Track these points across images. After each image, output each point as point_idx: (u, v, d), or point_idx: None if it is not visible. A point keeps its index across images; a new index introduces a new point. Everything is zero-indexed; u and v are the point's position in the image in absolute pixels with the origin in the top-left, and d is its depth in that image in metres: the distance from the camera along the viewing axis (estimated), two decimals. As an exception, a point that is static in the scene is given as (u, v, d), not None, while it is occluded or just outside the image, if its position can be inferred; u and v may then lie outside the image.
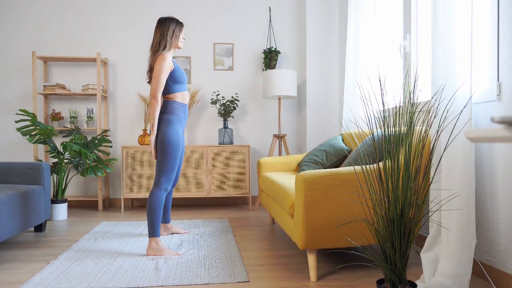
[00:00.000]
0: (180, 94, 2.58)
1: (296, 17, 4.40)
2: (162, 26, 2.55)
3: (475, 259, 1.99)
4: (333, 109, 4.13)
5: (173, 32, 2.56)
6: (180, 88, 2.58)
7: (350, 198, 1.94)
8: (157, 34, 2.56)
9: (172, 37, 2.56)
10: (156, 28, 2.57)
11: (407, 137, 1.53)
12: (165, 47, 2.54)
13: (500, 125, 1.58)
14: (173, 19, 2.59)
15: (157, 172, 2.46)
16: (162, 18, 2.58)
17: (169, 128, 2.46)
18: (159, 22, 2.58)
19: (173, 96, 2.56)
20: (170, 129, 2.46)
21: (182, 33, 2.63)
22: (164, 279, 1.97)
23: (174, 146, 2.46)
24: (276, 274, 2.07)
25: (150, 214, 2.42)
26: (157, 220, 2.43)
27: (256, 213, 3.78)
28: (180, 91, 2.58)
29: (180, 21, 2.64)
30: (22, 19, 4.05)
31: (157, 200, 2.43)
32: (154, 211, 2.42)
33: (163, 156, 2.44)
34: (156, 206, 2.42)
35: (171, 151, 2.45)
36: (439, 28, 1.93)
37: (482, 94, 1.94)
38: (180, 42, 2.62)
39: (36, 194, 2.78)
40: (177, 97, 2.57)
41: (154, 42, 2.56)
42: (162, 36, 2.54)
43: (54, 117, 3.95)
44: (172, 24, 2.57)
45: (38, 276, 2.01)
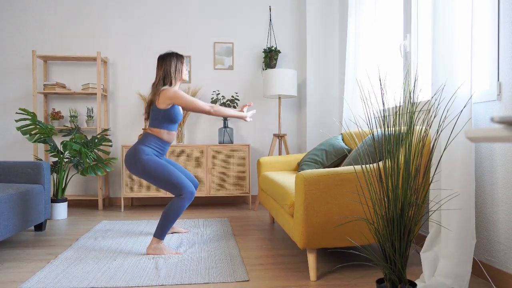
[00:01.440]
0: (166, 132, 2.52)
1: (296, 16, 4.40)
2: (164, 63, 2.53)
3: (474, 259, 2.00)
4: (333, 108, 4.13)
5: (176, 67, 2.54)
6: (170, 127, 2.54)
7: (350, 198, 1.95)
8: (159, 71, 2.53)
9: (175, 72, 2.54)
10: (158, 65, 2.55)
11: (407, 137, 1.53)
12: (170, 84, 2.52)
13: (500, 125, 1.58)
14: (173, 53, 2.56)
15: (171, 191, 2.41)
16: (162, 54, 2.56)
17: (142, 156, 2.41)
18: (159, 59, 2.55)
19: (158, 132, 2.50)
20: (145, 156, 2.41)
21: (185, 65, 2.60)
22: (164, 278, 1.97)
23: (159, 164, 2.40)
24: (276, 273, 2.07)
25: (166, 218, 2.37)
26: (170, 225, 2.39)
27: (256, 212, 3.78)
28: (168, 129, 2.53)
29: (180, 54, 2.61)
30: (22, 18, 4.05)
31: (178, 207, 2.37)
32: (171, 217, 2.37)
33: (158, 179, 2.39)
34: (175, 214, 2.37)
35: (160, 170, 2.39)
36: (439, 28, 1.93)
37: (482, 94, 1.94)
38: (185, 75, 2.60)
39: (36, 193, 2.78)
40: (162, 134, 2.51)
41: (157, 79, 2.53)
42: (166, 73, 2.52)
43: (54, 116, 3.95)
44: (173, 59, 2.54)
45: (38, 275, 2.01)
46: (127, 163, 2.44)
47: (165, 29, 4.21)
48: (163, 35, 4.21)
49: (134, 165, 2.41)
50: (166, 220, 2.38)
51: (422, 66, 2.64)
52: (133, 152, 2.43)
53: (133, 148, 2.45)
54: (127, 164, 2.45)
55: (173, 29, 4.22)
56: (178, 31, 4.23)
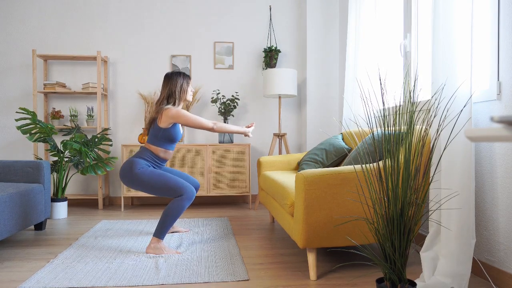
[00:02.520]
0: (163, 151, 2.55)
1: (296, 16, 4.39)
2: (170, 82, 2.54)
3: (474, 258, 2.00)
4: (333, 108, 4.13)
5: (181, 87, 2.55)
6: (167, 146, 2.55)
7: (350, 197, 1.95)
8: (164, 89, 2.54)
9: (180, 92, 2.55)
10: (163, 83, 2.56)
11: (407, 136, 1.53)
12: (174, 103, 2.53)
13: (500, 125, 1.58)
14: (180, 73, 2.58)
15: (171, 195, 2.41)
16: (169, 73, 2.58)
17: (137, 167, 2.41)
18: (166, 78, 2.56)
19: (156, 150, 2.52)
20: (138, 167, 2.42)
21: (190, 86, 2.61)
22: (164, 277, 1.97)
23: (154, 173, 2.41)
24: (276, 272, 2.07)
25: (166, 218, 2.37)
26: (170, 225, 2.39)
27: (256, 212, 3.78)
28: (165, 148, 2.55)
29: (187, 75, 2.62)
30: (23, 18, 4.05)
31: (179, 208, 2.37)
32: (172, 217, 2.37)
33: (155, 188, 2.39)
34: (175, 213, 2.37)
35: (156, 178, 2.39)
36: (439, 27, 1.93)
37: (482, 94, 1.94)
38: (189, 96, 2.61)
39: (36, 192, 2.78)
40: (159, 152, 2.54)
41: (161, 97, 2.54)
42: (170, 92, 2.53)
43: (54, 116, 3.95)
44: (180, 78, 2.55)
45: (38, 275, 2.01)
46: (122, 176, 2.45)
47: (166, 29, 4.21)
48: (164, 35, 4.21)
49: (129, 177, 2.42)
50: (166, 220, 2.38)
51: (422, 65, 2.64)
52: (129, 165, 2.44)
53: (129, 161, 2.47)
54: (122, 177, 2.45)
55: (173, 29, 4.22)
56: (179, 31, 4.23)
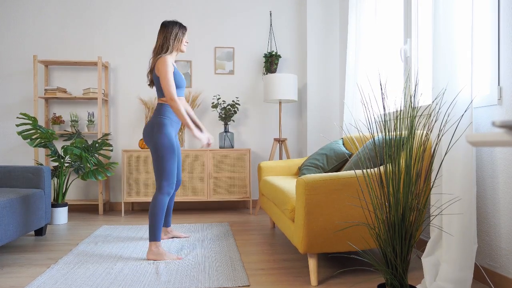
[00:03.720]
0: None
1: (296, 21, 4.41)
2: (165, 30, 2.55)
3: (476, 264, 1.99)
4: (334, 113, 4.14)
5: (176, 35, 2.56)
6: (177, 92, 2.56)
7: (351, 202, 1.94)
8: (160, 37, 2.55)
9: (175, 40, 2.55)
10: (159, 31, 2.57)
11: (408, 141, 1.53)
12: (167, 50, 2.53)
13: (501, 129, 1.58)
14: (177, 22, 2.59)
15: (157, 178, 2.44)
16: (166, 21, 2.58)
17: (161, 132, 2.43)
18: (162, 26, 2.57)
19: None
20: (163, 133, 2.43)
21: (185, 36, 2.62)
22: (165, 283, 1.96)
23: (169, 150, 2.43)
24: (277, 278, 2.06)
25: (152, 218, 2.40)
26: (159, 224, 2.41)
27: (257, 217, 3.77)
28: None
29: (184, 25, 2.63)
30: (24, 23, 4.07)
31: (159, 205, 2.41)
32: (156, 215, 2.40)
33: (159, 160, 2.42)
34: (158, 211, 2.40)
35: (166, 154, 2.42)
36: (439, 32, 1.94)
37: (483, 98, 1.94)
38: (183, 46, 2.62)
39: (36, 197, 2.78)
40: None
41: (157, 45, 2.55)
42: (165, 39, 2.53)
43: (55, 121, 3.95)
44: (175, 27, 2.56)
45: (38, 280, 2.00)
46: (145, 132, 2.48)
47: (166, 34, 4.23)
48: (164, 40, 4.22)
49: (151, 135, 2.44)
50: (153, 220, 2.40)
51: (422, 70, 2.65)
52: (154, 124, 2.45)
53: (153, 120, 2.47)
54: (144, 134, 2.48)
55: (174, 34, 4.23)
56: (179, 36, 4.24)
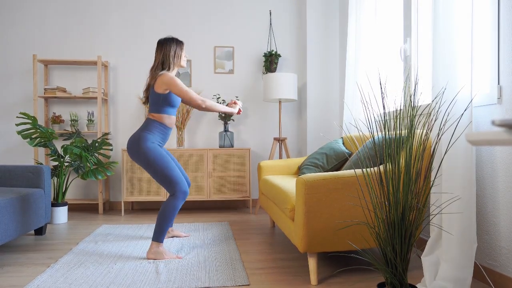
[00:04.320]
0: (167, 117, 2.53)
1: (296, 21, 4.41)
2: (163, 48, 2.53)
3: (476, 263, 1.99)
4: (334, 112, 4.14)
5: (175, 52, 2.54)
6: (170, 111, 2.54)
7: (350, 202, 1.94)
8: (158, 55, 2.53)
9: (174, 57, 2.54)
10: (157, 50, 2.55)
11: (408, 140, 1.53)
12: (168, 68, 2.53)
13: (501, 128, 1.58)
14: (173, 39, 2.57)
15: (167, 187, 2.41)
16: (162, 39, 2.56)
17: (145, 145, 2.40)
18: (159, 44, 2.55)
19: (160, 117, 2.50)
20: (147, 145, 2.40)
21: (184, 51, 2.61)
22: (165, 282, 1.96)
23: (160, 157, 2.40)
24: (277, 277, 2.07)
25: (161, 220, 2.37)
26: (167, 227, 2.39)
27: (257, 216, 3.77)
28: (168, 114, 2.54)
29: (180, 40, 2.61)
30: (23, 23, 4.06)
31: (172, 209, 2.38)
32: (166, 218, 2.37)
33: (158, 172, 2.39)
34: (169, 214, 2.38)
35: (161, 163, 2.39)
36: (439, 31, 1.94)
37: (483, 97, 1.94)
38: (183, 61, 2.61)
39: (36, 197, 2.78)
40: (164, 119, 2.52)
41: (155, 63, 2.53)
42: (165, 57, 2.52)
43: (54, 120, 3.95)
44: (173, 44, 2.55)
45: (38, 280, 2.00)
46: (129, 149, 2.44)
47: (166, 33, 4.23)
48: (164, 39, 4.22)
49: (136, 152, 2.41)
50: (162, 222, 2.38)
51: (422, 69, 2.65)
52: (137, 139, 2.42)
53: (136, 134, 2.45)
54: (129, 150, 2.44)
55: (173, 33, 4.23)
56: (179, 35, 4.24)
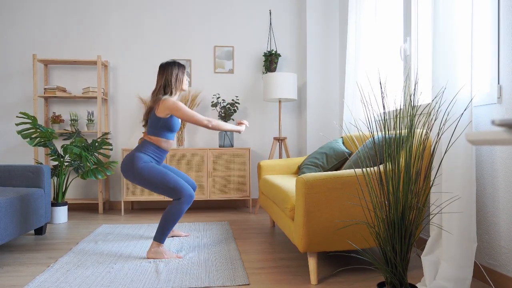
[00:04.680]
0: (164, 140, 2.54)
1: (296, 20, 4.41)
2: (165, 72, 2.54)
3: (476, 262, 1.99)
4: (334, 111, 4.14)
5: (177, 76, 2.55)
6: (167, 135, 2.55)
7: (350, 201, 1.94)
8: (160, 79, 2.54)
9: (176, 81, 2.55)
10: (159, 73, 2.56)
11: (408, 140, 1.53)
12: (171, 93, 2.54)
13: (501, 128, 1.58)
14: (175, 62, 2.58)
15: (171, 196, 2.41)
16: (163, 63, 2.57)
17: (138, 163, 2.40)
18: (160, 68, 2.56)
19: (157, 140, 2.51)
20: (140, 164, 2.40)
21: (185, 75, 2.62)
22: (164, 282, 1.97)
23: (153, 170, 2.40)
24: (277, 277, 2.07)
25: (165, 222, 2.37)
26: (170, 229, 2.39)
27: (257, 216, 3.77)
28: (165, 137, 2.54)
29: (182, 64, 2.62)
30: (23, 22, 4.06)
31: (177, 211, 2.37)
32: (170, 220, 2.37)
33: (156, 185, 2.38)
34: (174, 217, 2.37)
35: (155, 176, 2.39)
36: (439, 31, 1.94)
37: (483, 97, 1.94)
38: (185, 85, 2.61)
39: (36, 197, 2.78)
40: (160, 142, 2.52)
41: (157, 87, 2.54)
42: (166, 81, 2.53)
43: (54, 120, 3.95)
44: (175, 68, 2.55)
45: (38, 279, 2.00)
46: (123, 170, 2.44)
47: (166, 33, 4.23)
48: (164, 39, 4.22)
49: (130, 172, 2.41)
50: (166, 223, 2.37)
51: (422, 69, 2.65)
52: (130, 159, 2.43)
53: (130, 155, 2.46)
54: (123, 171, 2.45)
55: (173, 33, 4.23)
56: (179, 35, 4.24)
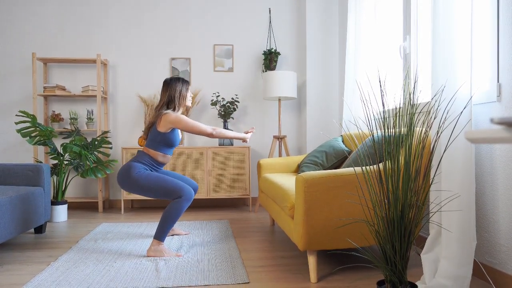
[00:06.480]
0: (161, 155, 2.55)
1: (296, 18, 4.40)
2: (169, 87, 2.55)
3: (475, 260, 1.99)
4: (333, 110, 4.13)
5: (181, 93, 2.57)
6: (166, 150, 2.56)
7: (350, 199, 1.94)
8: (163, 95, 2.56)
9: (180, 97, 2.56)
10: (163, 89, 2.58)
11: (407, 138, 1.53)
12: (174, 109, 2.55)
13: (500, 126, 1.58)
14: (179, 78, 2.59)
15: (170, 197, 2.41)
16: (168, 79, 2.59)
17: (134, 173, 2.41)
18: (165, 84, 2.58)
19: (154, 154, 2.53)
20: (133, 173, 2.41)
21: (189, 91, 2.63)
22: (164, 280, 1.97)
23: (147, 176, 2.41)
24: (276, 275, 2.07)
25: (165, 220, 2.38)
26: (170, 227, 2.40)
27: (256, 214, 3.77)
28: (164, 152, 2.56)
29: (186, 80, 2.63)
30: (22, 21, 4.06)
31: (177, 209, 2.38)
32: (170, 219, 2.37)
33: (154, 190, 2.39)
34: (174, 215, 2.38)
35: (152, 181, 2.40)
36: (439, 29, 1.93)
37: (482, 95, 1.94)
38: (188, 101, 2.63)
39: (36, 195, 2.78)
40: (158, 157, 2.54)
41: (160, 103, 2.55)
42: (170, 97, 2.55)
43: (54, 119, 3.95)
44: (179, 84, 2.57)
45: (38, 278, 2.01)
46: (119, 180, 2.45)
47: (165, 31, 4.22)
48: (163, 38, 4.22)
49: (127, 182, 2.42)
50: (166, 222, 2.38)
51: (421, 67, 2.65)
52: (127, 168, 2.44)
53: (126, 165, 2.47)
54: (119, 182, 2.45)
55: (173, 31, 4.23)
56: (178, 33, 4.24)
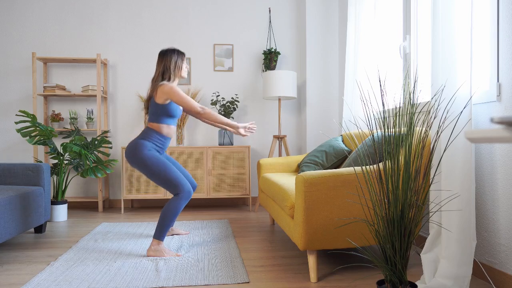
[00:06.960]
0: (165, 126, 2.54)
1: (296, 18, 4.40)
2: (164, 59, 2.55)
3: (475, 260, 1.99)
4: (333, 109, 4.13)
5: (176, 63, 2.56)
6: (169, 121, 2.56)
7: (350, 199, 1.94)
8: (159, 66, 2.56)
9: (175, 68, 2.56)
10: (158, 60, 2.58)
11: (407, 138, 1.53)
12: (169, 79, 2.55)
13: (500, 126, 1.58)
14: (174, 50, 2.59)
15: (170, 190, 2.43)
16: (163, 50, 2.58)
17: (142, 150, 2.42)
18: (160, 55, 2.58)
19: (158, 127, 2.52)
20: (144, 151, 2.42)
21: (185, 62, 2.63)
22: (164, 280, 1.97)
23: (159, 161, 2.42)
24: (276, 275, 2.07)
25: (164, 219, 2.39)
26: (169, 226, 2.41)
27: (256, 214, 3.77)
28: (167, 123, 2.55)
29: (182, 51, 2.63)
30: (22, 20, 4.05)
31: (175, 208, 2.39)
32: (168, 217, 2.39)
33: (157, 175, 2.41)
34: (172, 213, 2.39)
35: (160, 166, 2.41)
36: (439, 29, 1.93)
37: (482, 95, 1.94)
38: (184, 72, 2.62)
39: (36, 195, 2.78)
40: (162, 129, 2.53)
41: (156, 74, 2.55)
42: (165, 68, 2.54)
43: (54, 118, 3.95)
44: (174, 55, 2.57)
45: (38, 278, 2.01)
46: (127, 156, 2.47)
47: (165, 31, 4.22)
48: (163, 37, 4.22)
49: (134, 159, 2.43)
50: (165, 220, 2.39)
51: (421, 67, 2.64)
52: (134, 146, 2.45)
53: (134, 142, 2.48)
54: (127, 157, 2.47)
55: (173, 31, 4.23)
56: (178, 33, 4.24)
